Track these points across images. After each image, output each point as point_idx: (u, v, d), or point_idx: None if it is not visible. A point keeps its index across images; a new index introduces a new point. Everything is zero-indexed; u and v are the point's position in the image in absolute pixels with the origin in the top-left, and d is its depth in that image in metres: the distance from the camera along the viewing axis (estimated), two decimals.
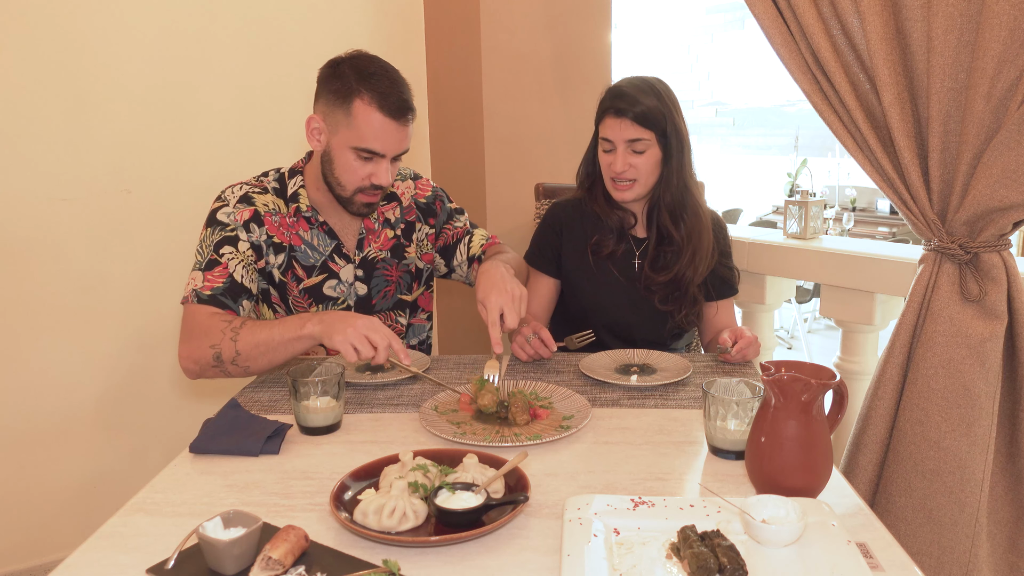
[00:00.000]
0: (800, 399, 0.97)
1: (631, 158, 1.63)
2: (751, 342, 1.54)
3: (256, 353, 1.39)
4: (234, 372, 1.42)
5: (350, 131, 1.48)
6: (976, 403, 1.56)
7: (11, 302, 2.08)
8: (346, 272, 1.66)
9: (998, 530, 1.63)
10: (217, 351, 1.40)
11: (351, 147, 1.49)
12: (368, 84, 1.46)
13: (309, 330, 1.36)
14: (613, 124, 1.63)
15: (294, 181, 1.61)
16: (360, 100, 1.46)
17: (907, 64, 1.56)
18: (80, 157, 2.13)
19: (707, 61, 35.90)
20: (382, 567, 0.84)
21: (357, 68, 1.49)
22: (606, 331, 1.76)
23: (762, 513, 0.90)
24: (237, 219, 1.54)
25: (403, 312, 1.76)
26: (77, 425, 2.22)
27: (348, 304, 1.67)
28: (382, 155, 1.50)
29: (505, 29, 2.45)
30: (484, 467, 1.04)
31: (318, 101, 1.53)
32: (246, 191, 1.58)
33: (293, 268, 1.61)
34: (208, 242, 1.52)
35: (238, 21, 2.31)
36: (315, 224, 1.62)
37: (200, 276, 1.49)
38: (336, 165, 1.52)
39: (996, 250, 1.56)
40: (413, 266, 1.76)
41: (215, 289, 1.48)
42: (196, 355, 1.41)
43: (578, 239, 1.77)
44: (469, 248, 1.79)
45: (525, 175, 2.48)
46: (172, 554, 0.89)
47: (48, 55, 2.05)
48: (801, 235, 2.14)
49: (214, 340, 1.40)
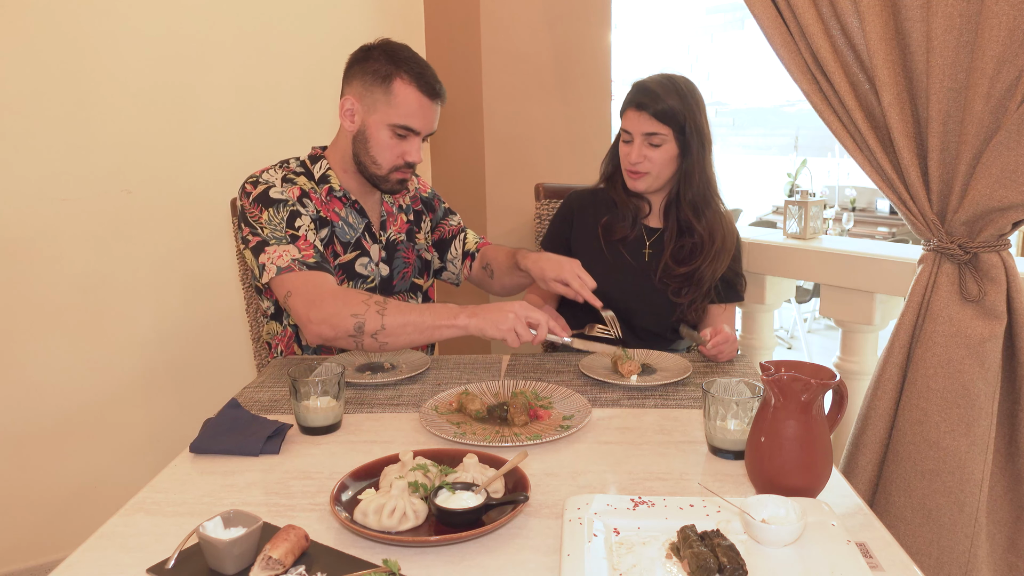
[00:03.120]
0: (800, 399, 0.97)
1: (647, 150, 1.71)
2: (728, 339, 1.55)
3: (402, 332, 1.39)
4: (369, 346, 1.41)
5: (390, 109, 1.54)
6: (975, 403, 1.56)
7: (11, 302, 2.08)
8: (375, 251, 1.70)
9: (997, 530, 1.64)
10: (360, 321, 1.39)
11: (389, 124, 1.55)
12: (407, 65, 1.55)
13: (463, 322, 1.38)
14: (633, 117, 1.71)
15: (319, 165, 1.66)
16: (400, 79, 1.54)
17: (906, 64, 1.56)
18: (80, 157, 2.13)
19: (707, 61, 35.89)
20: (382, 567, 0.84)
21: (391, 51, 1.56)
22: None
23: (762, 513, 0.91)
24: (291, 195, 1.58)
25: (417, 296, 1.82)
26: (77, 425, 2.22)
27: (375, 283, 1.70)
28: (417, 132, 1.58)
29: (505, 29, 2.45)
30: (484, 467, 1.04)
31: (351, 83, 1.59)
32: (283, 173, 1.61)
33: (333, 244, 1.64)
34: (278, 219, 1.53)
35: (238, 22, 2.31)
36: (347, 203, 1.66)
37: (293, 248, 1.49)
38: (372, 144, 1.58)
39: (995, 250, 1.56)
40: (424, 253, 1.83)
41: (316, 257, 1.50)
42: (335, 321, 1.40)
43: (590, 224, 1.84)
44: (464, 244, 1.88)
45: (525, 175, 2.48)
46: (172, 554, 0.89)
47: (49, 55, 2.05)
48: (801, 235, 2.14)
49: (356, 310, 1.39)
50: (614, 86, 2.66)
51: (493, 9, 2.43)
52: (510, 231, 2.55)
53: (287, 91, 2.40)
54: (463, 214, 1.95)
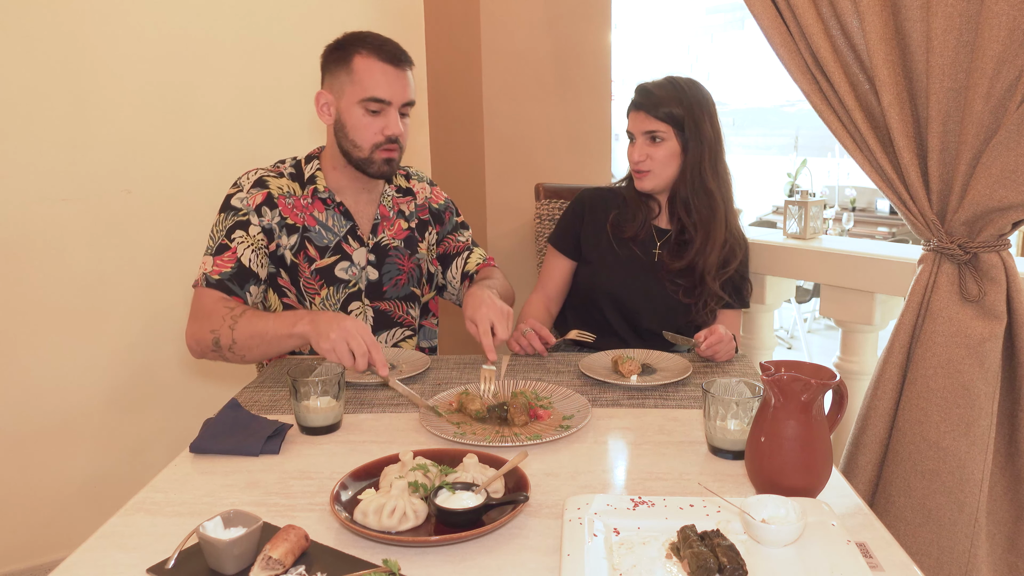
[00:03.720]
0: (800, 399, 0.97)
1: (648, 148, 1.73)
2: (722, 339, 1.55)
3: (251, 344, 1.43)
4: (231, 359, 1.47)
5: (354, 87, 1.55)
6: (975, 403, 1.56)
7: (11, 302, 2.08)
8: (359, 255, 1.68)
9: (997, 530, 1.63)
10: (216, 336, 1.45)
11: (358, 102, 1.55)
12: (363, 41, 1.57)
13: (300, 329, 1.38)
14: (633, 117, 1.76)
15: (311, 165, 1.67)
16: (359, 55, 1.55)
17: (906, 64, 1.56)
18: (80, 157, 2.13)
19: (707, 61, 35.84)
20: (382, 567, 0.84)
21: (350, 36, 1.59)
22: (617, 317, 1.80)
23: (762, 513, 0.91)
24: (249, 203, 1.59)
25: (414, 306, 1.78)
26: (77, 425, 2.22)
27: (359, 287, 1.69)
28: (388, 102, 1.56)
29: (505, 29, 2.45)
30: (484, 467, 1.04)
31: (324, 77, 1.62)
32: (261, 175, 1.63)
33: (306, 249, 1.63)
34: (220, 227, 1.57)
35: (238, 21, 2.31)
36: (331, 205, 1.66)
37: (210, 260, 1.54)
38: (349, 127, 1.58)
39: (995, 250, 1.56)
40: (425, 265, 1.80)
41: (223, 274, 1.53)
42: (198, 336, 1.48)
43: (600, 221, 1.84)
44: (465, 263, 1.84)
45: (525, 175, 2.48)
46: (172, 554, 0.89)
47: (48, 55, 2.05)
48: (801, 235, 2.14)
49: (215, 325, 1.45)
50: (614, 86, 2.66)
51: (493, 9, 2.43)
52: (510, 231, 2.55)
53: (287, 91, 2.39)
54: (463, 214, 1.94)
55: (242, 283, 1.54)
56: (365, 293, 1.70)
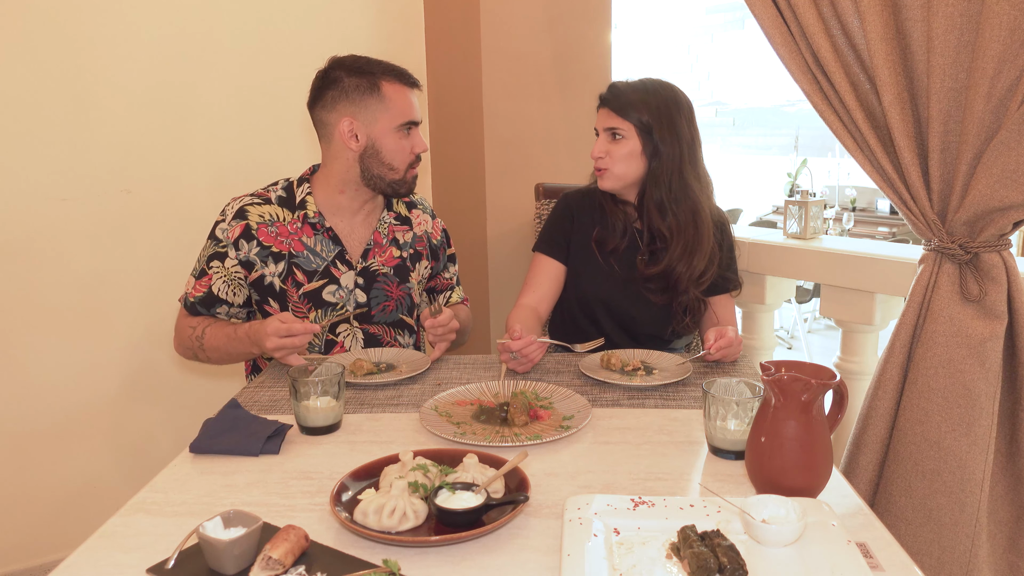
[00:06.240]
0: (800, 399, 0.97)
1: (608, 145, 1.71)
2: (731, 342, 1.53)
3: (216, 356, 1.64)
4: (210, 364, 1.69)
5: (390, 112, 1.60)
6: (976, 403, 1.55)
7: (11, 302, 2.08)
8: (347, 278, 1.68)
9: (998, 530, 1.63)
10: (193, 351, 1.67)
11: (395, 127, 1.61)
12: (383, 68, 1.61)
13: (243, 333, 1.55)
14: (599, 114, 1.74)
15: (301, 189, 1.69)
16: (386, 82, 1.60)
17: (907, 64, 1.56)
18: (80, 157, 2.13)
19: (707, 61, 35.93)
20: (382, 567, 0.84)
21: (358, 63, 1.62)
22: (612, 324, 1.78)
23: (762, 513, 0.90)
24: (229, 236, 1.64)
25: (403, 333, 1.78)
26: (77, 425, 2.21)
27: (347, 310, 1.69)
28: (418, 123, 1.65)
29: (505, 29, 2.45)
30: (484, 467, 1.04)
31: (335, 108, 1.61)
32: (243, 205, 1.66)
33: (293, 274, 1.65)
34: (204, 253, 1.67)
35: (238, 21, 2.31)
36: (320, 230, 1.67)
37: (192, 282, 1.68)
38: (385, 152, 1.62)
39: (996, 250, 1.56)
40: (415, 294, 1.79)
41: (196, 297, 1.66)
42: (180, 349, 1.71)
43: (587, 228, 1.80)
44: (448, 301, 1.92)
45: (525, 175, 2.48)
46: (172, 554, 0.89)
47: (48, 55, 2.05)
48: (801, 235, 2.14)
49: (187, 344, 1.66)
50: None
51: (493, 9, 2.43)
52: (510, 231, 2.55)
53: (287, 91, 2.39)
54: (463, 214, 1.94)
55: (208, 307, 1.67)
56: (354, 316, 1.70)
